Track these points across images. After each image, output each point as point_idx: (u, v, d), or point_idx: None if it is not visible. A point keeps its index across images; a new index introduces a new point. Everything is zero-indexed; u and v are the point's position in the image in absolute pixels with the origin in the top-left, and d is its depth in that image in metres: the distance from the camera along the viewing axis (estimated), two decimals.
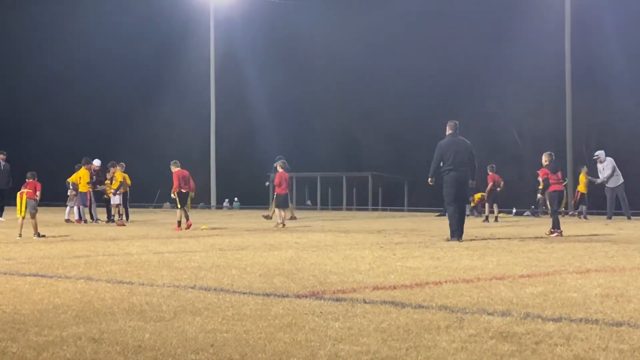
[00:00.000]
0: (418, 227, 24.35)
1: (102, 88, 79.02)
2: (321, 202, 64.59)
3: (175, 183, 23.41)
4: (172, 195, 23.96)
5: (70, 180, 28.76)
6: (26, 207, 19.35)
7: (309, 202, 68.35)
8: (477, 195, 32.73)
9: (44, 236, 18.90)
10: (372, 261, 12.24)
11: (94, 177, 29.02)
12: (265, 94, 74.12)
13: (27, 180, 20.02)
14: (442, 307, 7.56)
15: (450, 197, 18.16)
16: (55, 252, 14.06)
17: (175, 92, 74.91)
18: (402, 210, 54.07)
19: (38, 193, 19.92)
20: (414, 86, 67.67)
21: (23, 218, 19.26)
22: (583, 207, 33.65)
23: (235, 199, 66.51)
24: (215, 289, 8.82)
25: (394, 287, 9.08)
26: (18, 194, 19.68)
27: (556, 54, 50.60)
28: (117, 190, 27.75)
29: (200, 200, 61.45)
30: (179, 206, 23.38)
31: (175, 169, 23.65)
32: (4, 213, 29.83)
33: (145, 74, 77.83)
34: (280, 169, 26.33)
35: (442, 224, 26.49)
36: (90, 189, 28.30)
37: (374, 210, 56.89)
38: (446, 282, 9.58)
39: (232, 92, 71.22)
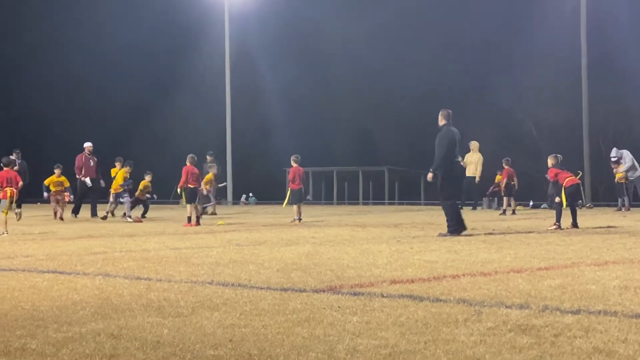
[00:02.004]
0: (435, 221, 24.27)
1: (117, 84, 79.07)
2: (337, 197, 64.50)
3: (183, 178, 23.47)
4: (178, 190, 24.02)
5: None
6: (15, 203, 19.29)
7: (309, 197, 68.25)
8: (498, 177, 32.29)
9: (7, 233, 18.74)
10: (389, 255, 12.24)
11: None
12: (280, 88, 74.07)
13: (2, 166, 19.67)
14: (460, 301, 7.56)
15: (450, 191, 17.83)
16: (73, 249, 14.11)
17: (190, 87, 74.93)
18: (419, 204, 53.91)
19: (21, 184, 19.75)
20: (430, 79, 67.48)
21: (7, 215, 19.15)
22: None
23: (250, 194, 66.50)
24: (232, 285, 8.84)
25: (412, 281, 9.08)
26: (8, 190, 19.48)
27: (572, 44, 50.37)
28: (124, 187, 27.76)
29: (216, 195, 61.48)
30: (184, 202, 23.46)
31: (187, 164, 23.70)
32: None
33: (160, 69, 77.90)
34: (294, 164, 26.32)
35: None
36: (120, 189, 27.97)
37: (390, 204, 56.80)
38: (464, 275, 9.58)
39: (247, 87, 71.18)
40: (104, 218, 27.00)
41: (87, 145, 30.10)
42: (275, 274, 9.89)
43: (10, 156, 29.73)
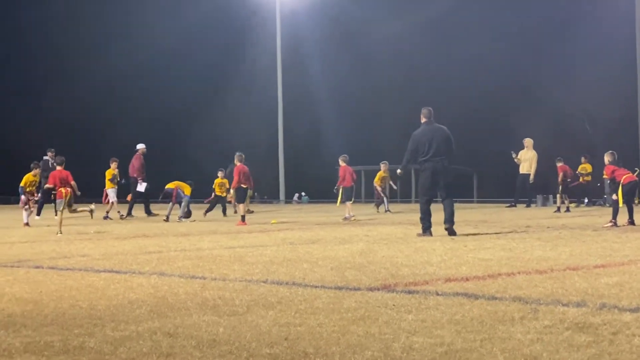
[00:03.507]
0: (489, 219, 24.16)
1: (168, 84, 79.58)
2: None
3: (236, 178, 23.58)
4: (231, 191, 24.13)
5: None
6: (68, 202, 19.54)
7: (303, 194, 68.07)
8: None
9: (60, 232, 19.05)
10: (443, 253, 12.19)
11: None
12: (331, 87, 74.08)
13: (56, 166, 20.00)
14: (515, 298, 7.51)
15: (423, 190, 17.52)
16: (128, 248, 14.23)
17: (241, 86, 75.19)
18: (472, 202, 53.65)
19: (74, 183, 19.98)
20: (480, 76, 67.09)
21: (62, 214, 19.47)
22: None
23: (303, 193, 66.57)
24: (287, 283, 8.86)
25: (467, 279, 9.04)
26: (63, 190, 19.71)
27: (627, 38, 49.83)
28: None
29: (269, 195, 61.75)
30: (236, 201, 23.61)
31: (237, 163, 23.81)
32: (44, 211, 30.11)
33: (211, 69, 78.26)
34: (343, 163, 26.41)
35: (513, 215, 26.33)
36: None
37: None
38: (519, 273, 9.51)
39: (298, 86, 71.26)
40: (121, 217, 27.31)
41: (141, 147, 30.29)
42: (330, 272, 9.90)
43: (44, 156, 30.00)
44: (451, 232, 16.55)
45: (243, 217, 23.13)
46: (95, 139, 75.72)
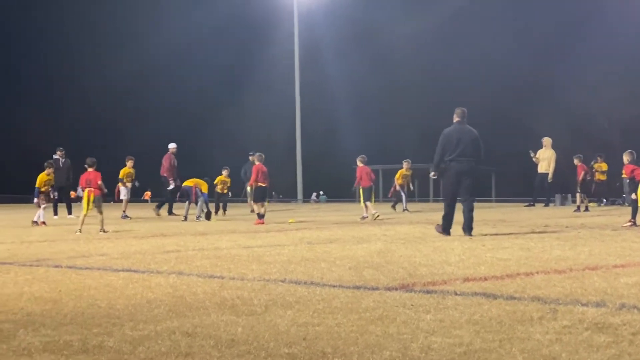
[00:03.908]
0: (507, 218, 24.10)
1: (185, 84, 79.80)
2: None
3: (253, 176, 23.63)
4: (248, 188, 24.22)
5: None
6: (93, 203, 19.65)
7: (321, 193, 68.01)
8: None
9: (107, 231, 19.20)
10: (461, 253, 12.17)
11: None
12: (348, 86, 74.10)
13: (87, 167, 20.18)
14: (534, 298, 7.48)
15: (447, 192, 17.06)
16: (146, 248, 14.26)
17: (259, 86, 75.32)
18: (490, 201, 53.55)
19: (99, 183, 20.13)
20: (499, 75, 66.99)
21: (85, 215, 19.60)
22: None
23: (321, 192, 66.63)
24: (305, 283, 8.86)
25: (485, 279, 9.02)
26: (86, 191, 19.88)
27: None
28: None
29: (287, 194, 61.77)
30: (251, 199, 23.68)
31: (256, 162, 23.89)
32: (73, 210, 30.21)
33: (228, 69, 78.44)
34: (360, 164, 26.48)
35: (532, 215, 26.25)
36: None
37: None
38: (538, 273, 9.48)
39: (316, 85, 71.35)
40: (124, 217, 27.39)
41: (172, 146, 30.33)
42: (348, 271, 9.89)
43: (54, 155, 30.03)
44: (467, 233, 16.37)
45: (260, 216, 23.14)
46: (112, 138, 75.94)
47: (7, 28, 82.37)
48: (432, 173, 17.58)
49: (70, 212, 29.59)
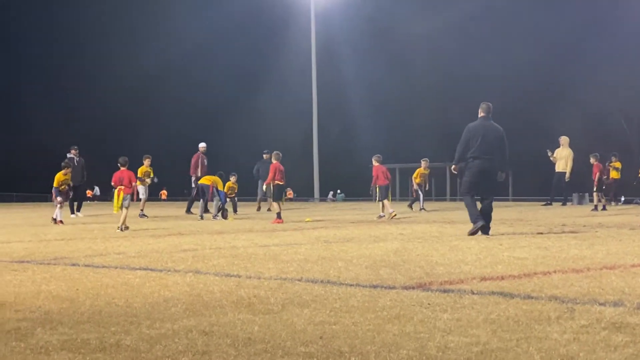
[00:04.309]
0: (524, 217, 24.04)
1: (203, 83, 79.89)
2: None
3: (271, 175, 23.66)
4: (264, 186, 24.32)
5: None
6: (123, 201, 19.84)
7: (339, 192, 67.85)
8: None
9: (127, 228, 19.32)
10: (478, 252, 12.14)
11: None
12: (366, 85, 74.06)
13: (120, 166, 20.40)
14: (551, 298, 7.46)
15: (466, 187, 16.64)
16: (163, 246, 14.28)
17: (275, 85, 75.35)
18: (507, 200, 53.45)
19: (133, 184, 20.33)
20: (517, 74, 66.82)
21: (121, 213, 19.81)
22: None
23: (339, 191, 66.61)
24: (322, 281, 8.85)
25: (502, 278, 8.99)
26: (116, 189, 20.08)
27: None
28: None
29: (304, 193, 61.77)
30: (272, 198, 23.72)
31: (274, 161, 23.95)
32: (82, 209, 30.25)
33: (246, 67, 78.49)
34: (376, 163, 26.53)
35: (549, 214, 26.17)
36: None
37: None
38: (555, 272, 9.45)
39: (332, 84, 71.33)
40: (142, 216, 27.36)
41: (202, 145, 30.37)
42: (364, 270, 9.88)
43: (68, 154, 30.08)
44: (485, 231, 16.12)
45: (279, 215, 23.16)
46: (127, 137, 76.13)
47: (21, 26, 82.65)
48: (453, 167, 17.38)
49: (79, 210, 29.67)
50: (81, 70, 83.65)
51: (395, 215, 25.11)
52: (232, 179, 29.80)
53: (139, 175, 28.60)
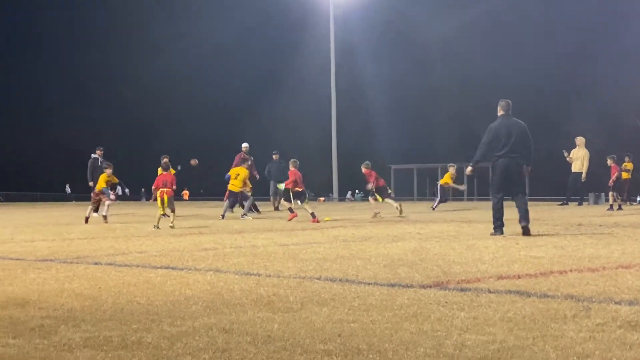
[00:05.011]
0: (540, 217, 23.95)
1: (219, 83, 79.97)
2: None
3: (291, 178, 23.86)
4: (280, 185, 24.63)
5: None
6: (168, 203, 20.22)
7: (357, 191, 67.75)
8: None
9: (171, 227, 19.56)
10: (495, 251, 12.13)
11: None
12: (384, 85, 73.94)
13: (161, 170, 20.73)
14: (567, 296, 7.44)
15: (496, 187, 16.20)
16: (184, 245, 14.33)
17: (294, 85, 75.33)
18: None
19: (174, 188, 20.68)
20: (533, 74, 66.64)
21: (163, 214, 20.18)
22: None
23: (357, 191, 66.53)
24: (340, 280, 8.86)
25: (519, 277, 8.98)
26: (158, 192, 20.42)
27: None
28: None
29: (322, 193, 61.77)
30: (285, 199, 24.05)
31: (292, 168, 24.27)
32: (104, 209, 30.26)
33: (265, 68, 78.54)
34: (366, 169, 27.09)
35: (565, 213, 26.09)
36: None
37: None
38: (571, 271, 9.43)
39: (351, 84, 71.26)
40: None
41: (245, 145, 30.11)
42: (382, 269, 9.89)
43: (92, 154, 30.10)
44: (526, 232, 15.69)
45: (291, 209, 23.63)
46: (147, 136, 76.31)
47: (44, 26, 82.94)
48: (470, 169, 17.18)
49: (96, 211, 29.64)
50: (100, 70, 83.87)
51: (400, 209, 25.75)
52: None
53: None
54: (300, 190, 23.94)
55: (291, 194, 23.85)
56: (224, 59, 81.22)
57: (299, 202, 23.76)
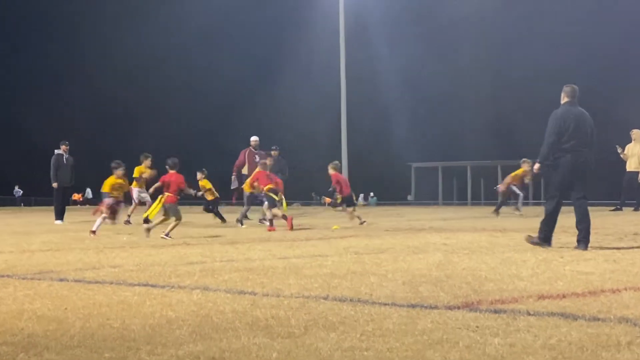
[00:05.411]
0: None
1: (210, 70, 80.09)
2: (472, 196, 64.03)
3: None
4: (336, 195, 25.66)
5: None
6: (167, 212, 20.13)
7: (371, 194, 67.90)
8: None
9: (170, 237, 19.54)
10: (535, 265, 12.12)
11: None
12: (401, 72, 73.93)
13: (168, 169, 20.61)
14: (621, 320, 7.42)
15: (557, 188, 16.05)
16: (166, 258, 14.32)
17: (297, 73, 75.36)
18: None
19: (183, 188, 20.51)
20: (579, 55, 66.63)
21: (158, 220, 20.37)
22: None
23: (371, 193, 66.63)
24: (351, 300, 8.85)
25: (563, 296, 8.96)
26: (160, 196, 20.38)
27: None
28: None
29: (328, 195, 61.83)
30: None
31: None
32: (66, 215, 30.33)
33: (266, 48, 78.63)
34: (334, 170, 27.28)
35: (619, 220, 26.06)
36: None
37: (536, 204, 56.14)
38: (625, 289, 9.42)
39: (364, 70, 71.25)
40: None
41: (254, 139, 30.04)
42: (401, 287, 9.88)
43: (57, 150, 30.06)
44: (581, 246, 15.39)
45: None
46: (124, 132, 76.46)
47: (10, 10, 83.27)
48: (537, 166, 16.76)
49: (61, 217, 29.65)
50: (70, 53, 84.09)
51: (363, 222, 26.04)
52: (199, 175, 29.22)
53: (135, 175, 28.42)
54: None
55: (282, 199, 24.26)
56: (212, 42, 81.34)
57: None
